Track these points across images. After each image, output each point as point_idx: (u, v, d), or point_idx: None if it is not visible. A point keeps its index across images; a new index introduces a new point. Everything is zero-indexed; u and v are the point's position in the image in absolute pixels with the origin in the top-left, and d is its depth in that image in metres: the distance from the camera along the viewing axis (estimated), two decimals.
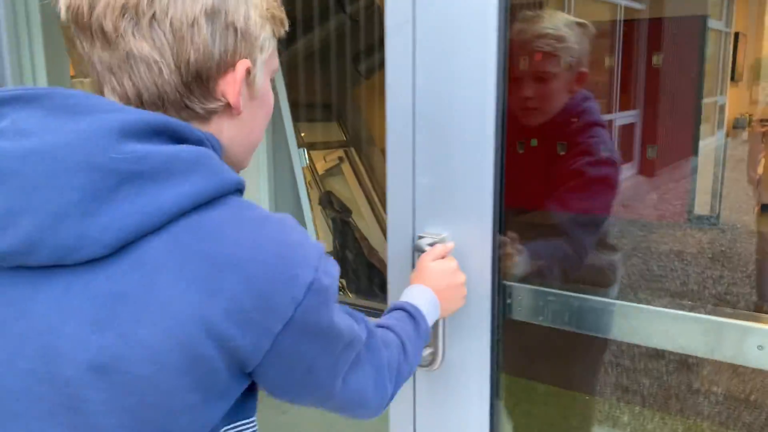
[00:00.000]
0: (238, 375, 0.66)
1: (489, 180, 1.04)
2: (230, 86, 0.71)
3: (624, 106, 1.74)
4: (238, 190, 0.70)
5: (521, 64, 1.32)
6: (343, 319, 0.73)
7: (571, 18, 1.35)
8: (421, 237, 1.09)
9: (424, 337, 0.95)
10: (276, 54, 0.81)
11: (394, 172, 1.13)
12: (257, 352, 0.64)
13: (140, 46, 0.66)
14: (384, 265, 1.23)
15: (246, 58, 0.72)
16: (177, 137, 0.66)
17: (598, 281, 1.39)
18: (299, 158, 2.52)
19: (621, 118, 1.78)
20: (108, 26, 0.66)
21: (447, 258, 1.06)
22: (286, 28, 0.81)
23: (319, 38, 2.98)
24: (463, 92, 1.04)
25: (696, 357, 1.07)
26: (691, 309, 1.00)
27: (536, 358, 1.41)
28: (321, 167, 3.34)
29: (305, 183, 2.54)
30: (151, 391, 0.61)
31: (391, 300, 1.14)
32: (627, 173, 1.94)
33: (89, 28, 0.68)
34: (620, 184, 1.35)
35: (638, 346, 1.22)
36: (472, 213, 1.07)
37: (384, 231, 3.21)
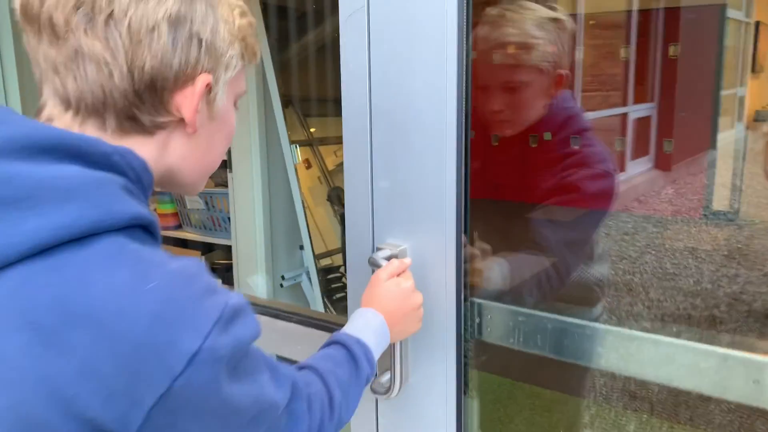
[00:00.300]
0: None
1: (451, 184, 0.93)
2: (187, 101, 0.65)
3: (639, 99, 1.62)
4: (138, 226, 0.60)
5: (486, 73, 1.20)
6: (253, 386, 0.62)
7: (544, 13, 1.20)
8: (379, 249, 0.99)
9: (365, 379, 0.85)
10: (243, 78, 0.74)
11: (351, 175, 1.03)
12: (127, 425, 0.53)
13: (92, 44, 0.61)
14: None
15: (208, 72, 0.66)
16: (75, 154, 0.57)
17: (582, 299, 1.26)
18: (291, 155, 2.42)
19: (636, 111, 1.67)
20: (58, 19, 0.61)
21: (403, 276, 0.95)
22: (257, 58, 0.74)
23: (328, 32, 2.89)
24: (420, 85, 0.93)
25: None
26: (681, 333, 0.89)
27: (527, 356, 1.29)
28: (331, 162, 3.26)
29: (297, 180, 2.45)
30: None
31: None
32: (642, 168, 1.82)
33: (38, 20, 0.61)
34: (612, 194, 1.22)
35: None
36: (433, 221, 0.96)
37: None
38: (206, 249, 2.85)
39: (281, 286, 2.57)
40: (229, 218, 2.59)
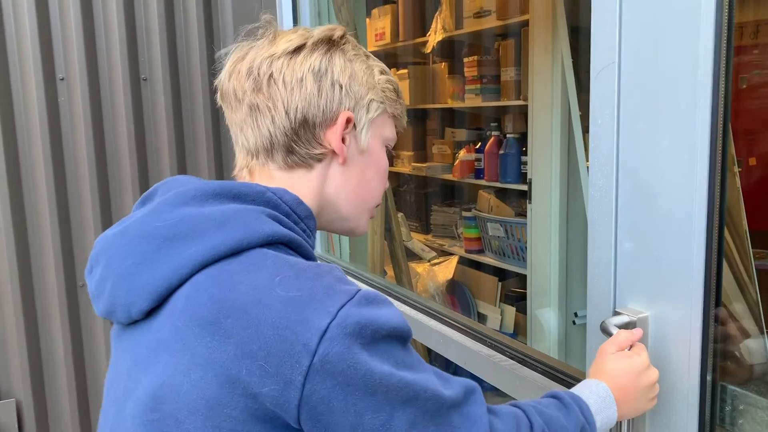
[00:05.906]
0: (276, 427, 0.63)
1: (699, 252, 0.84)
2: (334, 134, 0.81)
3: None
4: (280, 243, 0.71)
5: None
6: (405, 372, 0.64)
7: None
8: (617, 313, 0.94)
9: (578, 426, 0.80)
10: (390, 127, 0.87)
11: (594, 232, 0.99)
12: (287, 403, 0.61)
13: (259, 99, 0.79)
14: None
15: (349, 110, 0.82)
16: (235, 196, 0.73)
17: None
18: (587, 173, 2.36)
19: None
20: (237, 88, 0.81)
21: (635, 349, 0.88)
22: (401, 118, 0.88)
23: None
24: (668, 145, 0.86)
25: None
26: None
27: None
28: None
29: None
30: None
31: None
32: None
33: (227, 95, 0.83)
34: None
35: None
36: (677, 291, 0.87)
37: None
38: (503, 275, 2.93)
39: (573, 323, 2.51)
40: (525, 248, 2.63)
